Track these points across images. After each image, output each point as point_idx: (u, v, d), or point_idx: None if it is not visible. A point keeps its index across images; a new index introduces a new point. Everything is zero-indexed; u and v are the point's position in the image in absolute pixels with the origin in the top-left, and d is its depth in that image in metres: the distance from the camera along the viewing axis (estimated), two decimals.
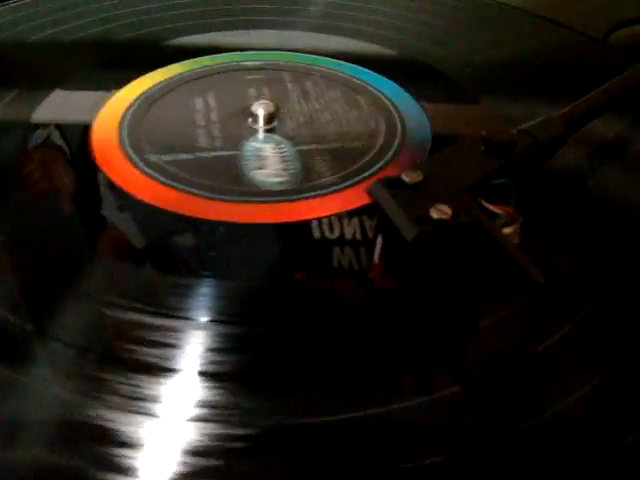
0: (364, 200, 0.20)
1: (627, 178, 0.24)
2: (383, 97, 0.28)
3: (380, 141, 0.25)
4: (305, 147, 0.25)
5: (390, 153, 0.25)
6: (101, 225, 0.22)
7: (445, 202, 0.17)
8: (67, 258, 0.20)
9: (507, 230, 0.18)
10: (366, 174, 0.23)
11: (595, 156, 0.25)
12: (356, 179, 0.23)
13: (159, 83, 0.29)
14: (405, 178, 0.18)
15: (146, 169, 0.23)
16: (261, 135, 0.26)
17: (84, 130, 0.26)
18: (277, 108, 0.27)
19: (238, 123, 0.26)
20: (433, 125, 0.26)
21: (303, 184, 0.23)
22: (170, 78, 0.29)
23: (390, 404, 0.16)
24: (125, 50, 0.33)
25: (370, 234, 0.20)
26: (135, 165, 0.24)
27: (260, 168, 0.24)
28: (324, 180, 0.23)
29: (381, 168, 0.24)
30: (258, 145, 0.25)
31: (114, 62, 0.31)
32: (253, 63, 0.31)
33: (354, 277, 0.20)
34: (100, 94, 0.28)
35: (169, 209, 0.22)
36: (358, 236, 0.21)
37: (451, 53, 0.33)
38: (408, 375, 0.17)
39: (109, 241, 0.22)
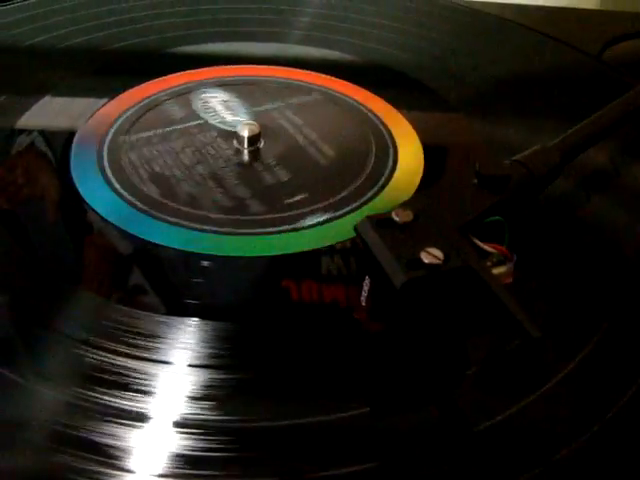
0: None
1: (620, 208, 0.23)
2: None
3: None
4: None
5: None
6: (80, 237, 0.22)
7: (436, 245, 0.16)
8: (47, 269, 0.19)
9: (500, 270, 0.18)
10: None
11: (590, 184, 0.24)
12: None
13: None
14: (395, 217, 0.17)
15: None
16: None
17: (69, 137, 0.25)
18: (262, 129, 0.26)
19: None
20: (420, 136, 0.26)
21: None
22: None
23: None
24: (116, 59, 0.32)
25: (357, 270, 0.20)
26: None
27: None
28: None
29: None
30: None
31: (104, 70, 0.30)
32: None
33: (340, 316, 0.19)
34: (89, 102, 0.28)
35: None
36: (344, 271, 0.20)
37: (443, 68, 0.32)
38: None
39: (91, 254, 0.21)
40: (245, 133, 0.25)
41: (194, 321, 0.18)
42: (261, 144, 0.26)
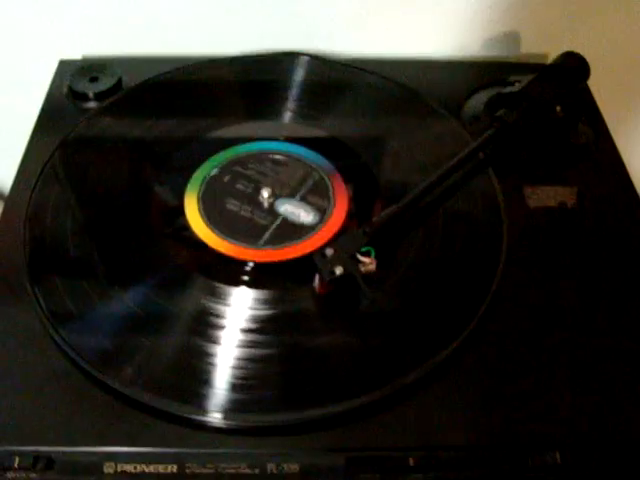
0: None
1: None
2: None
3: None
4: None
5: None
6: None
7: (340, 264, 0.44)
8: None
9: (370, 267, 0.45)
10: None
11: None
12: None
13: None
14: (327, 252, 0.45)
15: None
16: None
17: None
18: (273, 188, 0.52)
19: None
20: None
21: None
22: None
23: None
24: None
25: None
26: None
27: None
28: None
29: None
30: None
31: None
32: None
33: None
34: None
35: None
36: None
37: None
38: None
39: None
40: (265, 193, 0.52)
41: None
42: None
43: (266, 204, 0.51)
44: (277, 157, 0.54)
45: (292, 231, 0.49)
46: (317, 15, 0.65)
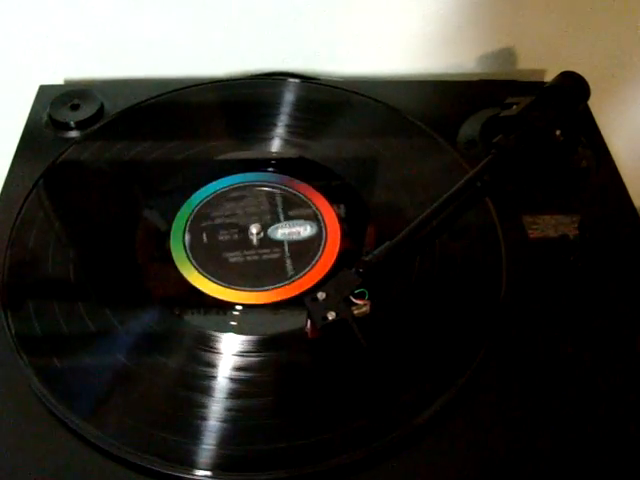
0: None
1: None
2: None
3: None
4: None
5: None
6: None
7: (333, 309, 0.42)
8: None
9: (361, 310, 0.43)
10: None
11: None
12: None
13: None
14: (319, 296, 0.43)
15: None
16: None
17: None
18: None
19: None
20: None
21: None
22: None
23: None
24: None
25: None
26: None
27: None
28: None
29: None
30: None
31: None
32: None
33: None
34: None
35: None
36: None
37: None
38: None
39: None
40: (254, 230, 0.50)
41: None
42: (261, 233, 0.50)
43: (261, 238, 0.49)
44: (234, 194, 0.52)
45: (305, 249, 0.48)
46: (306, 34, 0.63)
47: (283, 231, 0.50)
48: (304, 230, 0.50)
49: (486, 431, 0.40)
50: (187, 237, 0.49)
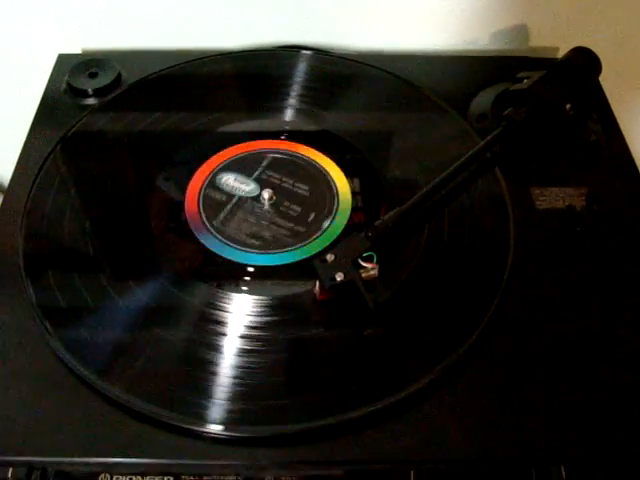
0: None
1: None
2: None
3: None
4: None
5: None
6: None
7: (340, 270, 0.43)
8: None
9: (371, 273, 0.44)
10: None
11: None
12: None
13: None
14: (327, 258, 0.44)
15: None
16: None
17: None
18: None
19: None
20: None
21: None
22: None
23: None
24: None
25: None
26: None
27: None
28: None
29: None
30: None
31: None
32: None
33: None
34: None
35: None
36: None
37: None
38: None
39: None
40: (266, 195, 0.51)
41: None
42: (273, 198, 0.51)
43: (273, 203, 0.51)
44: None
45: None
46: (320, 8, 0.63)
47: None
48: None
49: (493, 391, 0.41)
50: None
